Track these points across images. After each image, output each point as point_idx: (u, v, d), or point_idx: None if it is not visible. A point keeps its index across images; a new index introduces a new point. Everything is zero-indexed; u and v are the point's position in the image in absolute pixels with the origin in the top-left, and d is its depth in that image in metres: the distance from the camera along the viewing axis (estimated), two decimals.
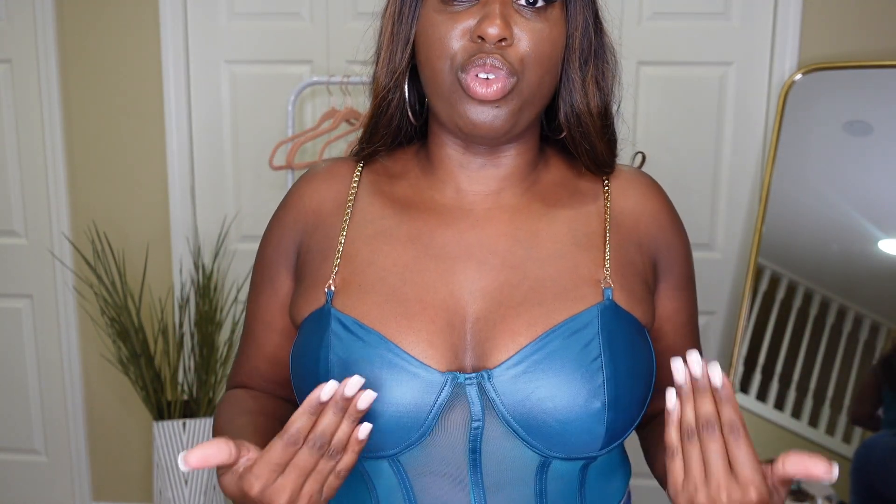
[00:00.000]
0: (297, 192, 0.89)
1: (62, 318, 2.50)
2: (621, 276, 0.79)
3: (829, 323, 2.09)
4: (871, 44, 2.14)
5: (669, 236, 0.85)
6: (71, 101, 2.39)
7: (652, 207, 0.85)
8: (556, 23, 0.75)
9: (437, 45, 0.75)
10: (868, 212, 2.04)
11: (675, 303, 0.86)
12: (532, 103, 0.76)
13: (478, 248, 0.79)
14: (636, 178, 0.86)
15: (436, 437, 0.75)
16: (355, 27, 2.31)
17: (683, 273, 0.87)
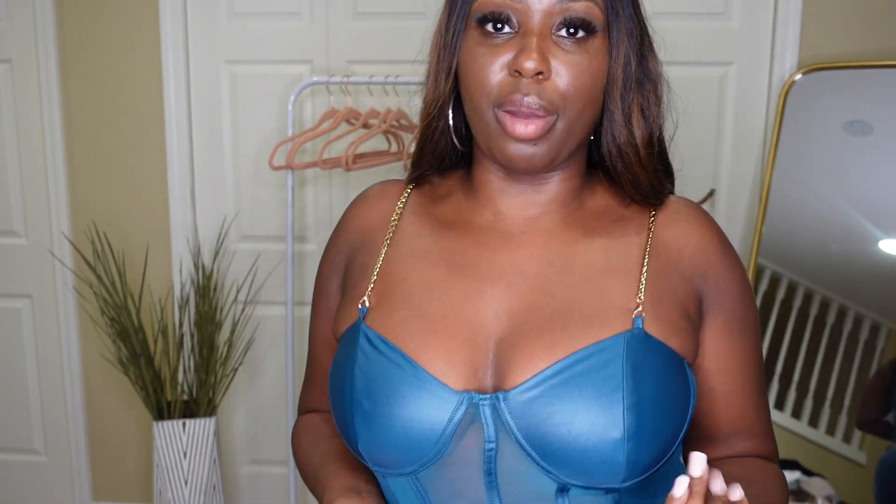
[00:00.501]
0: (349, 212, 0.92)
1: (62, 318, 2.50)
2: (657, 305, 0.76)
3: (830, 323, 2.09)
4: (871, 44, 2.14)
5: (718, 271, 0.80)
6: (71, 101, 2.39)
7: (699, 239, 0.80)
8: (596, 54, 0.74)
9: (476, 78, 0.75)
10: (868, 212, 2.04)
11: (721, 343, 0.80)
12: (573, 136, 0.76)
13: (509, 269, 0.79)
14: (686, 209, 0.82)
15: (452, 456, 0.75)
16: (355, 27, 2.31)
17: (734, 312, 0.80)
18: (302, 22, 2.32)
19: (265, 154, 2.34)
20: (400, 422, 0.74)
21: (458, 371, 0.75)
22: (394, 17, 2.29)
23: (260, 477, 2.59)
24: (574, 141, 0.76)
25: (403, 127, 2.09)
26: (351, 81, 2.01)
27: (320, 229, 2.42)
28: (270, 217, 2.42)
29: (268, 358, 2.50)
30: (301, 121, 2.33)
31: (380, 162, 2.06)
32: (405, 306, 0.79)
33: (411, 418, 0.74)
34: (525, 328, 0.75)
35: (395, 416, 0.74)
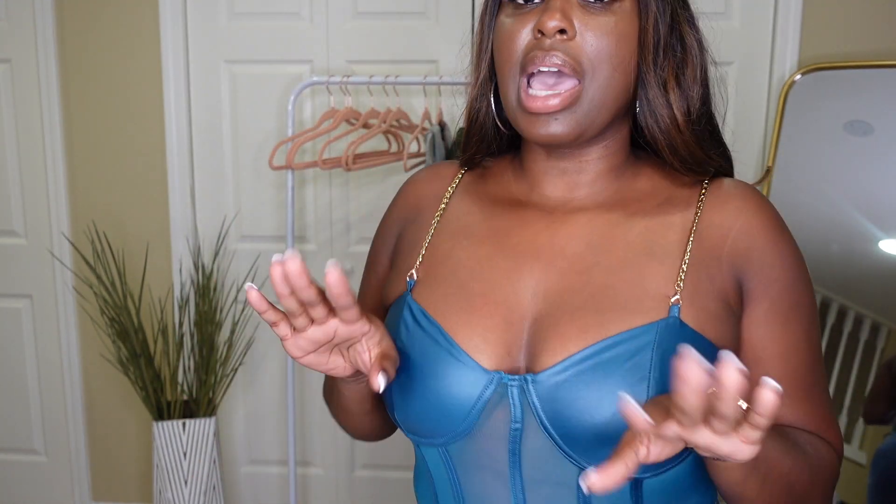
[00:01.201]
0: (403, 189, 0.93)
1: (62, 319, 2.50)
2: (695, 293, 0.74)
3: (830, 323, 2.08)
4: (871, 44, 2.14)
5: (766, 255, 0.76)
6: (71, 101, 2.39)
7: (746, 222, 0.77)
8: (623, 16, 0.74)
9: (504, 46, 0.75)
10: (868, 212, 2.04)
11: (768, 331, 0.77)
12: (604, 106, 0.75)
13: (548, 249, 0.79)
14: (736, 189, 0.79)
15: (480, 432, 0.76)
16: (355, 27, 2.31)
17: (783, 298, 0.77)
18: (302, 22, 2.32)
19: (265, 154, 2.34)
20: (433, 395, 0.76)
21: (493, 350, 0.76)
22: (394, 17, 2.29)
23: (260, 477, 2.59)
24: (606, 113, 0.75)
25: (403, 127, 2.09)
26: (351, 81, 2.01)
27: (320, 229, 2.42)
28: (270, 217, 2.41)
29: (268, 358, 2.50)
30: (301, 121, 2.33)
31: (380, 162, 2.05)
32: (449, 282, 0.80)
33: (443, 393, 0.75)
34: (560, 310, 0.75)
35: (429, 390, 0.76)
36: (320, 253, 2.42)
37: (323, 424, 2.53)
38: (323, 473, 2.57)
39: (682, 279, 0.74)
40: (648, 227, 0.78)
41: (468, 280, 0.80)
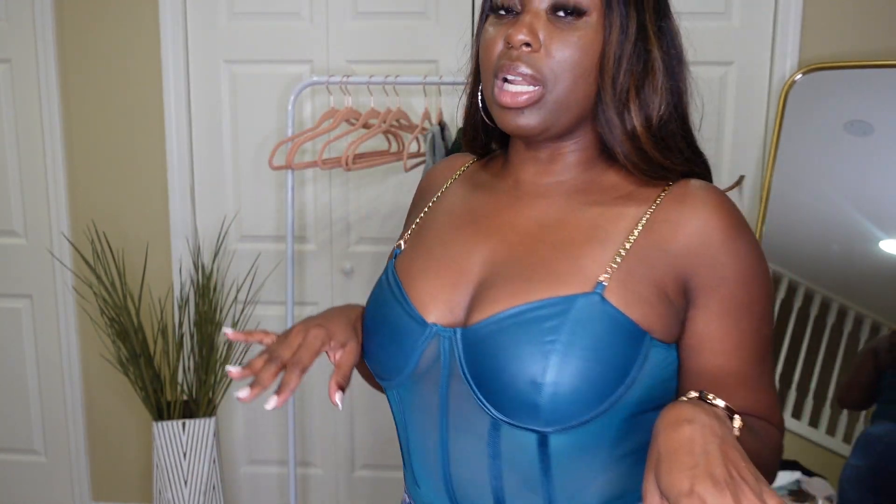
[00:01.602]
0: (424, 177, 1.07)
1: (62, 319, 2.50)
2: (627, 276, 0.80)
3: (830, 323, 2.08)
4: (871, 44, 2.14)
5: (719, 255, 0.81)
6: (71, 101, 2.39)
7: (701, 221, 0.81)
8: (587, 32, 0.81)
9: (484, 50, 0.85)
10: (868, 212, 2.04)
11: (718, 327, 0.82)
12: (567, 108, 0.83)
13: (506, 225, 0.88)
14: (699, 190, 0.84)
15: (419, 378, 0.86)
16: (355, 27, 2.31)
17: (734, 297, 0.81)
18: (302, 22, 2.32)
19: (265, 154, 2.34)
20: (386, 342, 0.88)
21: (438, 307, 0.86)
22: (394, 17, 2.29)
23: (260, 477, 2.59)
24: (570, 113, 0.83)
25: (403, 127, 2.09)
26: (351, 81, 2.01)
27: (320, 229, 2.42)
28: (270, 217, 2.41)
29: None
30: (301, 121, 2.33)
31: (380, 162, 2.05)
32: (420, 250, 0.93)
33: (394, 341, 0.87)
34: (499, 277, 0.84)
35: (384, 337, 0.89)
36: (320, 253, 2.42)
37: (323, 424, 2.53)
38: (323, 473, 2.57)
39: (616, 262, 0.81)
40: (600, 215, 0.85)
41: (434, 247, 0.91)
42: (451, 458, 0.86)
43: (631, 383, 0.79)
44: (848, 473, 1.98)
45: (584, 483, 0.83)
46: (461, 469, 0.86)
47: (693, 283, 0.81)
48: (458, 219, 0.93)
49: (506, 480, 0.84)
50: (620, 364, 0.78)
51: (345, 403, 2.52)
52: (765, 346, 0.85)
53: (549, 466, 0.82)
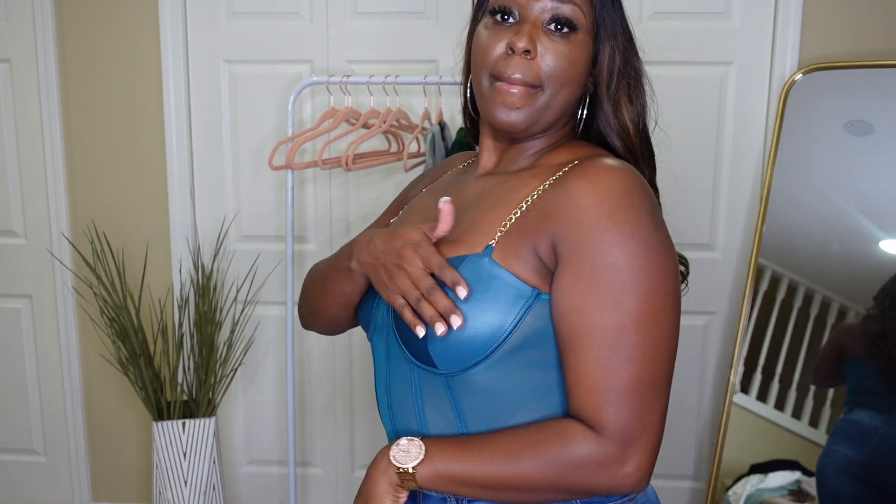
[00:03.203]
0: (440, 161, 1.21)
1: (61, 318, 2.49)
2: (513, 237, 0.89)
3: (830, 323, 2.08)
4: (871, 44, 2.14)
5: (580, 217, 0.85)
6: (71, 101, 2.39)
7: (578, 188, 0.86)
8: (577, 46, 0.93)
9: (481, 51, 0.95)
10: (869, 212, 2.04)
11: (567, 298, 0.85)
12: (551, 109, 0.94)
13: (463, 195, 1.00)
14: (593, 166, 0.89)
15: (377, 330, 1.00)
16: (355, 27, 2.31)
17: (585, 263, 0.83)
18: (302, 22, 2.32)
19: (265, 154, 2.34)
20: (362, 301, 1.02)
21: None
22: (394, 17, 2.29)
23: (260, 477, 2.59)
24: (552, 114, 0.95)
25: (403, 127, 2.09)
26: (351, 81, 2.01)
27: (320, 229, 2.42)
28: (270, 217, 2.41)
29: (268, 358, 2.50)
30: (301, 121, 2.33)
31: (380, 162, 2.05)
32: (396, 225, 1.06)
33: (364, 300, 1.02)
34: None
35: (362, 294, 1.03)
36: (320, 253, 2.42)
37: (323, 424, 2.53)
38: (323, 473, 2.57)
39: (505, 225, 0.90)
40: (511, 185, 0.95)
41: (401, 218, 1.08)
42: (393, 398, 0.98)
43: (510, 331, 0.86)
44: (833, 461, 1.99)
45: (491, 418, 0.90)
46: (399, 407, 0.97)
47: (558, 242, 0.86)
48: (430, 195, 1.07)
49: (428, 418, 0.94)
50: (500, 315, 0.86)
51: (345, 403, 2.52)
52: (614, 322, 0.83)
53: (459, 405, 0.91)
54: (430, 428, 0.94)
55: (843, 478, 1.96)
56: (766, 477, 2.07)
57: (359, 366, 2.48)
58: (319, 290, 1.08)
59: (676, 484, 2.45)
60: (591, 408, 0.83)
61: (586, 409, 0.83)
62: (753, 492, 2.07)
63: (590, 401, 0.83)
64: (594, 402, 0.83)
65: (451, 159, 1.17)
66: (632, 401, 0.83)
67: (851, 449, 1.97)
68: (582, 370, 0.84)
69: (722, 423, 2.14)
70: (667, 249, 0.86)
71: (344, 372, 2.49)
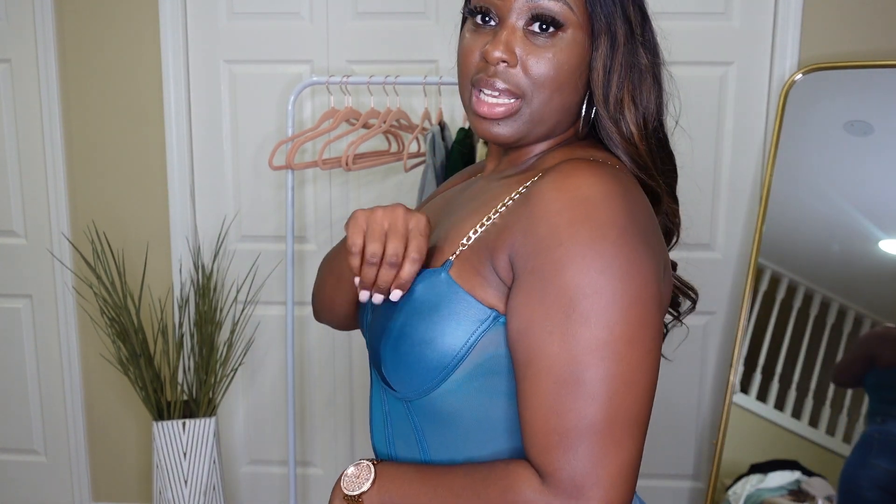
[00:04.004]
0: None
1: (62, 318, 2.49)
2: (473, 253, 0.81)
3: (830, 323, 2.09)
4: (871, 44, 2.14)
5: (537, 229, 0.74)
6: (71, 101, 2.39)
7: (539, 194, 0.77)
8: (565, 47, 0.82)
9: (462, 58, 0.87)
10: (868, 212, 2.04)
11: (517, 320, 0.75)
12: (542, 119, 0.84)
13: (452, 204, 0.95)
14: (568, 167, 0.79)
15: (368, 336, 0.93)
16: (355, 27, 2.31)
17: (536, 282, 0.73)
18: (302, 22, 2.32)
19: (265, 154, 2.34)
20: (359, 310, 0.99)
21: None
22: (394, 17, 2.29)
23: (260, 477, 2.59)
24: (545, 125, 0.85)
25: (403, 127, 2.09)
26: (351, 81, 2.01)
27: (320, 229, 2.42)
28: (270, 217, 2.41)
29: (268, 358, 2.50)
30: (301, 121, 2.33)
31: (380, 162, 2.05)
32: None
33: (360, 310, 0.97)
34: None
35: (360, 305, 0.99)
36: (320, 253, 2.42)
37: (323, 424, 2.53)
38: (323, 473, 2.57)
39: (469, 238, 0.82)
40: (492, 192, 0.87)
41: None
42: (372, 416, 0.94)
43: (464, 355, 0.78)
44: (872, 474, 1.94)
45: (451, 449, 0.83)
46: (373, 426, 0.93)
47: (515, 264, 0.76)
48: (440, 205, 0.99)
49: (396, 441, 0.89)
50: (452, 338, 0.78)
51: (345, 403, 2.52)
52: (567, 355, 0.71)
53: (419, 429, 0.85)
54: (398, 451, 0.88)
55: (880, 492, 1.93)
56: (765, 477, 2.07)
57: (359, 366, 2.48)
58: (330, 283, 1.03)
59: (676, 484, 2.46)
60: (538, 450, 0.72)
61: (533, 451, 0.73)
62: (753, 492, 2.07)
63: (538, 442, 0.72)
64: (541, 443, 0.72)
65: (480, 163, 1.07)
66: (585, 446, 0.70)
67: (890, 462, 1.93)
68: (532, 405, 0.73)
69: (722, 422, 2.14)
70: (643, 270, 0.73)
71: (344, 372, 2.49)
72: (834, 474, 2.01)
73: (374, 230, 0.80)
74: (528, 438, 0.73)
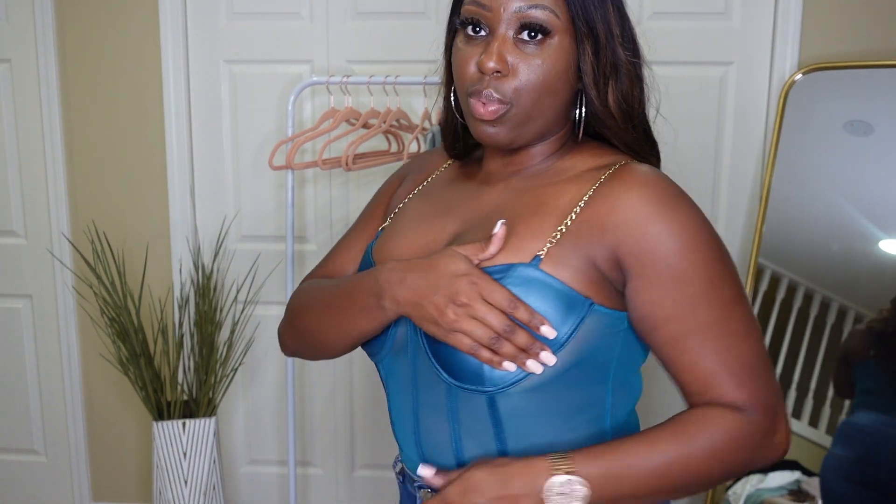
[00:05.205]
0: (414, 157, 1.14)
1: (62, 318, 2.50)
2: (563, 249, 0.87)
3: (830, 323, 2.08)
4: (871, 44, 2.14)
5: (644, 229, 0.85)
6: (70, 101, 2.39)
7: (631, 199, 0.86)
8: (552, 53, 0.88)
9: (457, 69, 0.92)
10: (868, 212, 2.04)
11: (658, 295, 0.86)
12: (532, 120, 0.91)
13: (469, 207, 0.97)
14: (637, 173, 0.89)
15: (396, 352, 0.95)
16: (355, 27, 2.31)
17: (668, 269, 0.85)
18: (302, 22, 2.32)
19: (265, 154, 2.34)
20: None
21: None
22: (394, 17, 2.29)
23: (260, 477, 2.59)
24: (536, 124, 0.92)
25: (403, 127, 2.09)
26: (351, 81, 2.01)
27: (320, 229, 2.42)
28: (270, 217, 2.41)
29: (268, 358, 2.50)
30: (301, 121, 2.33)
31: (380, 162, 2.05)
32: (396, 231, 1.01)
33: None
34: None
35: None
36: (320, 253, 2.42)
37: (323, 424, 2.53)
38: (323, 473, 2.57)
39: (555, 236, 0.88)
40: (545, 192, 0.92)
41: (409, 228, 1.00)
42: (421, 423, 0.95)
43: (565, 340, 0.85)
44: (830, 463, 1.99)
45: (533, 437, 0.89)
46: (428, 432, 0.94)
47: (624, 256, 0.86)
48: (433, 207, 1.01)
49: (464, 442, 0.91)
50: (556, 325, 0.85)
51: (345, 403, 2.52)
52: (712, 312, 0.86)
53: (499, 424, 0.89)
54: (465, 452, 0.92)
55: (844, 482, 1.96)
56: (765, 477, 2.07)
57: (358, 365, 2.48)
58: (326, 324, 1.00)
59: None
60: (731, 388, 0.85)
61: (727, 392, 0.85)
62: (753, 492, 2.07)
63: (729, 382, 0.85)
64: (734, 383, 0.85)
65: (429, 158, 1.12)
66: (765, 372, 0.88)
67: (851, 451, 1.97)
68: (703, 365, 0.86)
69: None
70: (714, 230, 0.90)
71: (344, 371, 2.49)
72: None
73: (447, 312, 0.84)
74: (718, 385, 0.85)
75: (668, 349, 0.87)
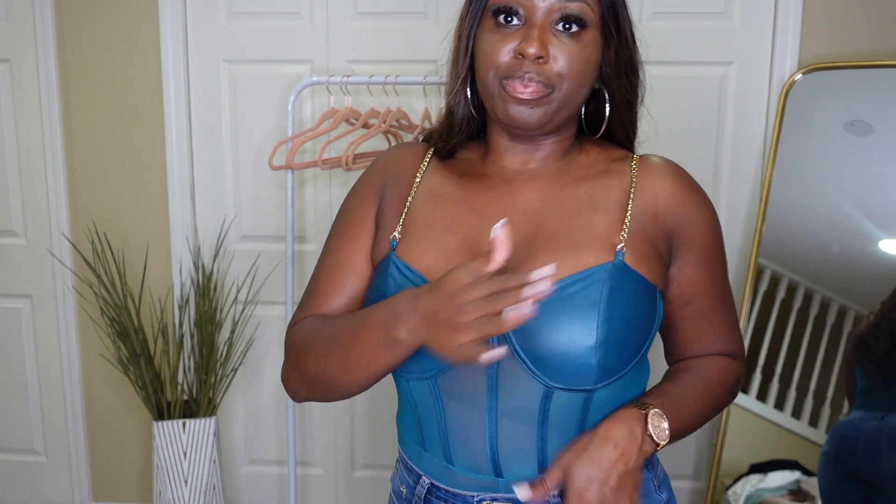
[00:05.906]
0: (382, 157, 1.07)
1: (62, 319, 2.50)
2: (635, 240, 0.92)
3: (830, 323, 2.09)
4: (871, 44, 2.14)
5: (692, 214, 0.97)
6: (70, 101, 2.39)
7: (672, 186, 0.96)
8: (587, 45, 0.91)
9: (488, 57, 0.92)
10: (868, 212, 2.04)
11: (695, 272, 0.98)
12: (565, 107, 0.93)
13: (511, 207, 0.96)
14: (663, 163, 0.99)
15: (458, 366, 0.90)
16: (355, 27, 2.31)
17: (705, 247, 0.98)
18: (302, 22, 2.32)
19: (265, 154, 2.34)
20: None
21: None
22: (394, 17, 2.29)
23: (260, 477, 2.59)
24: (566, 112, 0.94)
25: (403, 127, 2.09)
26: (351, 81, 2.01)
27: (320, 229, 2.42)
28: (270, 217, 2.42)
29: (268, 358, 2.50)
30: (301, 121, 2.33)
31: None
32: (427, 238, 0.96)
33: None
34: (525, 254, 0.92)
35: None
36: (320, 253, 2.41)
37: (323, 424, 2.53)
38: (323, 473, 2.57)
39: (626, 228, 0.92)
40: (592, 188, 0.96)
41: (444, 235, 0.95)
42: (500, 434, 0.92)
43: (653, 335, 0.93)
44: (819, 462, 2.01)
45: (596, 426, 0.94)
46: (508, 442, 0.92)
47: (676, 239, 0.96)
48: (458, 206, 0.98)
49: (549, 444, 0.92)
50: (647, 319, 0.92)
51: (345, 403, 2.52)
52: (728, 286, 1.03)
53: (586, 421, 0.92)
54: (549, 454, 0.92)
55: (835, 480, 1.97)
56: (765, 477, 2.07)
57: None
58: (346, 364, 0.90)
59: (676, 484, 2.45)
60: (729, 341, 1.03)
61: (730, 346, 1.04)
62: (753, 491, 2.07)
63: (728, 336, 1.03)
64: (730, 336, 1.04)
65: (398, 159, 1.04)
66: (738, 328, 1.06)
67: (840, 450, 1.98)
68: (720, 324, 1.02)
69: (722, 422, 2.14)
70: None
71: None
72: None
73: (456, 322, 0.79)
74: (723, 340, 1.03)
75: (694, 316, 1.00)
